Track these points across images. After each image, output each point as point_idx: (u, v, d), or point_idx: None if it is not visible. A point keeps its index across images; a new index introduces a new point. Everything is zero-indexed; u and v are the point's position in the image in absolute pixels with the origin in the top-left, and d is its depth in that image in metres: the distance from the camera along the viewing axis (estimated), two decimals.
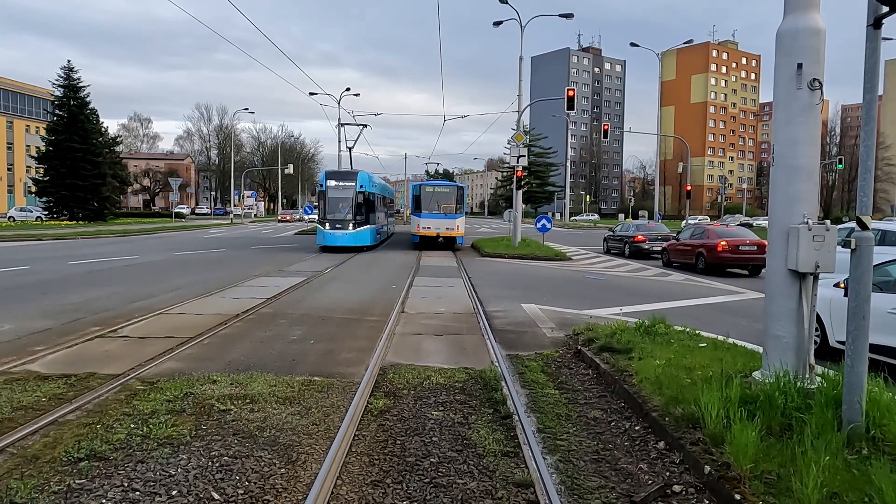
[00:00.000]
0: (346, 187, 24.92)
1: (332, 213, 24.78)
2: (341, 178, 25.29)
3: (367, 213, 25.43)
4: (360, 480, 4.29)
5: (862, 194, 4.26)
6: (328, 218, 24.70)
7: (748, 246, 18.87)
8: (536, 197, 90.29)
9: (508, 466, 4.54)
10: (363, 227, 25.08)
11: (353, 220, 24.66)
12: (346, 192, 24.90)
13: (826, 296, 7.27)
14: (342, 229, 24.48)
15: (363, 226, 25.08)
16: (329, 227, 24.59)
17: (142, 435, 4.96)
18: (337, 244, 24.37)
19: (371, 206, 26.24)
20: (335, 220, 24.60)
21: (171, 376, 6.68)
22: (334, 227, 24.50)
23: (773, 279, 5.30)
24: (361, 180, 25.17)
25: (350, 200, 24.71)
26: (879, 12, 4.07)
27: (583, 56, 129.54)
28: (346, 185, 24.93)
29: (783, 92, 5.13)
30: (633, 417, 5.64)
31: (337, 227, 24.47)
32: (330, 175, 25.74)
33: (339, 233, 24.45)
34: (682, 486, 4.23)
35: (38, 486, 4.06)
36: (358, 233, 24.80)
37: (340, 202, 24.77)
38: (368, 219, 25.53)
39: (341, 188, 24.92)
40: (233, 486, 4.13)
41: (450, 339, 8.96)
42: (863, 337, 4.32)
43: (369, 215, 25.71)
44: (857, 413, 4.28)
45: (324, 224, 24.75)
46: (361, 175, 25.53)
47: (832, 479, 3.66)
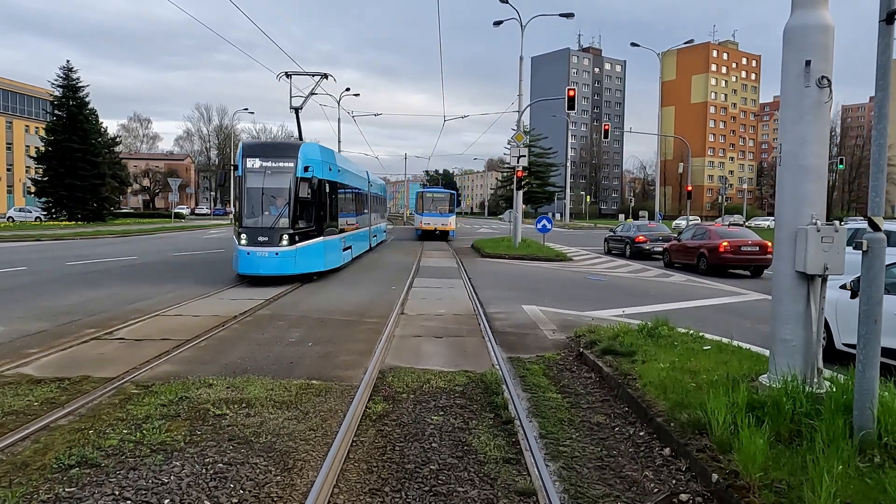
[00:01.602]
0: (279, 171, 14.71)
1: (251, 215, 14.64)
2: (270, 155, 14.99)
3: (320, 216, 15.38)
4: (357, 488, 4.18)
5: (874, 194, 4.15)
6: (245, 225, 14.49)
7: (750, 246, 18.76)
8: (537, 197, 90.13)
9: (510, 474, 4.42)
10: (310, 239, 14.95)
11: (291, 228, 14.46)
12: (277, 180, 14.74)
13: (832, 297, 7.15)
14: (267, 245, 14.23)
15: (311, 237, 14.97)
16: (246, 240, 14.29)
17: (135, 441, 4.84)
18: (259, 272, 14.29)
19: (328, 204, 16.14)
20: (256, 231, 14.37)
21: (166, 380, 6.57)
22: (254, 242, 14.24)
23: (781, 281, 5.19)
24: (308, 158, 14.86)
25: (285, 194, 14.67)
26: (893, 7, 3.95)
27: (583, 56, 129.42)
28: (279, 168, 14.74)
29: (791, 90, 5.02)
30: (637, 422, 5.52)
31: (259, 242, 14.24)
32: (250, 150, 15.17)
33: (261, 251, 14.20)
34: (689, 494, 4.12)
35: (26, 495, 3.95)
36: (299, 252, 14.55)
37: (267, 197, 14.83)
38: (323, 225, 15.51)
39: (270, 172, 14.73)
40: (226, 495, 4.01)
41: (450, 342, 8.84)
42: (874, 341, 4.20)
43: (324, 219, 15.63)
44: (869, 420, 4.16)
45: (239, 236, 14.48)
46: (308, 150, 15.12)
47: (845, 489, 3.54)
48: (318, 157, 15.36)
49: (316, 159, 15.19)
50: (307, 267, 14.99)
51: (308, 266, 15.02)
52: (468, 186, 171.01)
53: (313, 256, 15.14)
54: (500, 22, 29.00)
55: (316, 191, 14.88)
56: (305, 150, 15.01)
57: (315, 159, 15.13)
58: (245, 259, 14.32)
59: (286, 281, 14.61)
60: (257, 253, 14.23)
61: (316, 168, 14.92)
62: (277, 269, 14.36)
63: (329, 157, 16.61)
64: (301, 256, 14.62)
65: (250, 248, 14.26)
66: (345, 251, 18.46)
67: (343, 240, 18.20)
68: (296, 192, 14.44)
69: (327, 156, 16.48)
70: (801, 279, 5.01)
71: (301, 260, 14.66)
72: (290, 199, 14.54)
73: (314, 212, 15.08)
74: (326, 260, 15.94)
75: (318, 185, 15.02)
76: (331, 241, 16.39)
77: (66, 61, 66.91)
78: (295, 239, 14.49)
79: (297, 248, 14.53)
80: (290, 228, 14.44)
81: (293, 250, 14.47)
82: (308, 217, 14.95)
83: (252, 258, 14.27)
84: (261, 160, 14.73)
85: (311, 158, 15.00)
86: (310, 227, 14.95)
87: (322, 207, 15.45)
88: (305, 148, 15.13)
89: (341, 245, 17.83)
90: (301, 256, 14.62)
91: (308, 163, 14.69)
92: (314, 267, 15.30)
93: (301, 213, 14.75)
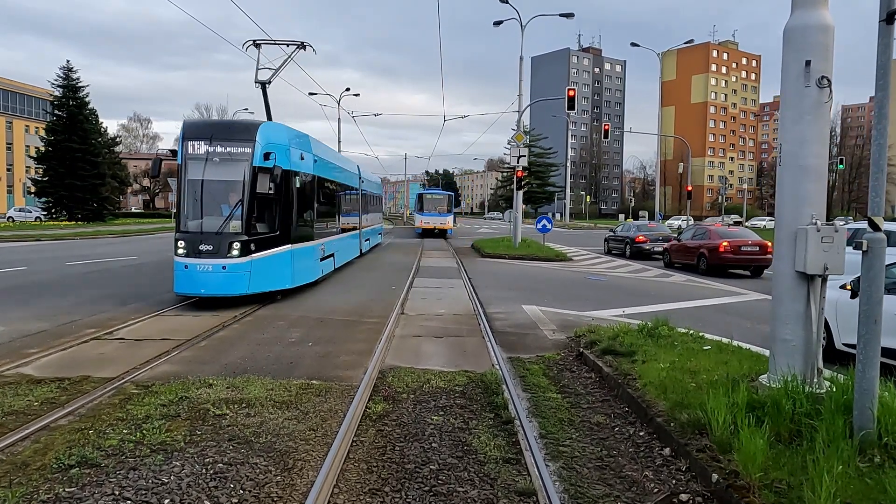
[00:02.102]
0: (230, 158, 11.42)
1: (192, 216, 11.47)
2: (219, 138, 11.51)
3: (287, 218, 12.07)
4: (357, 488, 4.17)
5: (874, 194, 4.15)
6: (185, 230, 11.36)
7: (750, 247, 18.76)
8: (537, 197, 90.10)
9: (510, 474, 4.42)
10: (272, 248, 11.68)
11: (245, 233, 11.19)
12: (227, 170, 11.47)
13: (832, 297, 7.15)
14: (212, 256, 11.02)
15: (273, 245, 11.70)
16: (185, 249, 11.11)
17: (135, 441, 4.84)
18: (199, 292, 11.16)
19: (300, 202, 12.77)
20: (197, 237, 11.19)
21: (166, 380, 6.57)
22: (195, 252, 11.04)
23: (781, 281, 5.19)
24: (270, 143, 11.57)
25: (238, 188, 11.39)
26: (893, 7, 3.95)
27: (583, 56, 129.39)
28: (231, 154, 11.42)
29: (791, 90, 5.02)
30: (637, 422, 5.52)
31: (201, 252, 11.03)
32: (194, 131, 11.78)
33: (203, 264, 11.00)
34: (689, 494, 4.12)
35: (26, 495, 3.95)
36: (255, 264, 11.30)
37: (213, 192, 11.60)
38: (290, 229, 12.22)
39: (218, 160, 11.42)
40: (226, 495, 4.01)
41: (450, 342, 8.84)
42: (874, 341, 4.20)
43: (292, 221, 12.33)
44: (869, 420, 4.16)
45: (177, 244, 11.24)
46: (270, 133, 11.80)
47: (845, 489, 3.54)
48: (283, 143, 12.04)
49: (281, 145, 11.86)
50: (267, 284, 11.63)
51: (268, 282, 11.65)
52: (468, 186, 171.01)
53: (276, 270, 11.80)
54: (500, 22, 29.00)
55: (281, 185, 11.68)
56: (266, 133, 11.61)
57: (280, 145, 11.82)
58: (183, 274, 11.02)
59: (244, 302, 11.43)
60: (198, 266, 10.91)
61: (281, 156, 11.65)
62: (224, 288, 11.03)
63: (302, 144, 13.17)
64: (258, 270, 11.30)
65: (190, 259, 10.96)
66: (324, 261, 15.04)
67: (321, 247, 14.75)
68: (252, 185, 11.07)
69: (299, 142, 13.03)
70: (801, 279, 5.01)
71: (258, 275, 11.33)
72: (245, 196, 11.17)
73: (278, 212, 11.82)
74: (295, 273, 12.57)
75: (284, 177, 11.83)
76: (302, 249, 12.99)
77: (66, 61, 67.07)
78: (250, 248, 11.14)
79: (253, 260, 11.17)
80: (243, 234, 11.07)
81: (246, 262, 11.09)
82: (270, 219, 11.72)
83: (191, 273, 10.95)
84: (207, 144, 11.34)
85: (275, 143, 11.65)
86: (271, 231, 11.69)
87: (289, 206, 12.21)
88: (266, 129, 11.71)
89: (317, 253, 14.34)
90: (258, 270, 11.30)
91: (270, 149, 11.40)
92: (277, 283, 11.95)
93: (259, 214, 11.51)
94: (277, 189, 11.59)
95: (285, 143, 12.14)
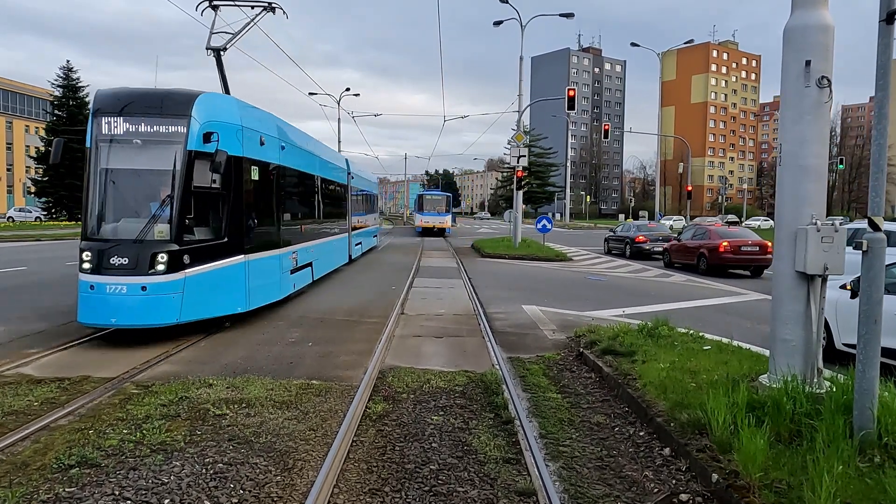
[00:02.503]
0: (156, 139, 8.60)
1: (105, 217, 8.59)
2: (140, 112, 8.59)
3: (238, 219, 9.40)
4: (357, 488, 4.18)
5: (874, 194, 4.15)
6: (93, 237, 8.44)
7: (750, 247, 18.76)
8: (537, 197, 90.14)
9: (510, 474, 4.42)
10: (218, 259, 9.03)
11: (175, 240, 8.34)
12: (152, 156, 8.63)
13: (832, 297, 7.15)
14: (129, 272, 8.07)
15: (219, 255, 9.05)
16: (92, 262, 8.17)
17: (135, 441, 4.85)
18: (109, 322, 8.20)
19: (260, 199, 10.32)
20: (109, 246, 8.22)
21: (166, 380, 6.57)
22: (106, 266, 8.08)
23: (781, 281, 5.19)
24: (212, 120, 8.84)
25: (166, 180, 8.56)
26: (893, 7, 3.95)
27: (583, 56, 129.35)
28: (157, 134, 8.59)
29: (791, 90, 5.02)
30: (637, 422, 5.52)
31: (113, 267, 8.07)
32: (108, 104, 8.65)
33: (115, 284, 8.02)
34: (689, 494, 4.12)
35: (26, 495, 3.95)
36: (191, 282, 8.49)
37: (132, 185, 8.75)
38: (244, 234, 9.61)
39: (140, 143, 8.57)
40: (226, 495, 4.02)
41: (450, 342, 8.84)
42: (874, 341, 4.20)
43: (248, 225, 9.73)
44: (869, 420, 4.16)
45: (82, 255, 8.26)
46: (213, 107, 9.05)
47: (845, 489, 3.54)
48: (232, 122, 9.18)
49: (229, 124, 9.05)
50: (208, 308, 8.83)
51: (210, 306, 8.85)
52: (468, 186, 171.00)
53: (222, 288, 9.02)
54: (500, 22, 28.99)
55: (230, 176, 8.93)
56: (208, 107, 8.76)
57: (228, 124, 9.00)
58: (88, 298, 8.07)
59: (178, 333, 8.62)
60: (108, 287, 7.97)
61: (229, 138, 8.88)
62: (144, 316, 8.07)
63: (264, 126, 10.36)
64: (195, 290, 8.43)
65: (97, 277, 8.03)
66: (297, 272, 12.31)
67: (292, 256, 11.92)
68: (186, 176, 8.35)
69: (259, 123, 10.17)
70: (801, 279, 5.02)
71: (195, 297, 8.45)
72: (176, 190, 8.30)
73: (226, 212, 9.04)
74: (252, 291, 9.70)
75: (235, 167, 9.04)
76: (263, 259, 10.14)
77: (66, 61, 67.11)
78: (181, 260, 8.26)
79: (189, 277, 8.32)
80: (172, 241, 8.18)
81: (176, 280, 8.20)
82: (214, 221, 9.01)
83: (100, 296, 8.00)
84: (125, 121, 8.41)
85: (221, 122, 8.87)
86: (215, 237, 8.93)
87: (243, 205, 9.44)
88: (208, 103, 8.83)
89: (287, 264, 11.50)
90: (195, 290, 8.43)
91: (213, 128, 8.61)
92: (224, 306, 9.15)
93: (199, 215, 8.75)
94: (225, 182, 8.89)
95: (235, 123, 9.25)
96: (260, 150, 10.12)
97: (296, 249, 12.27)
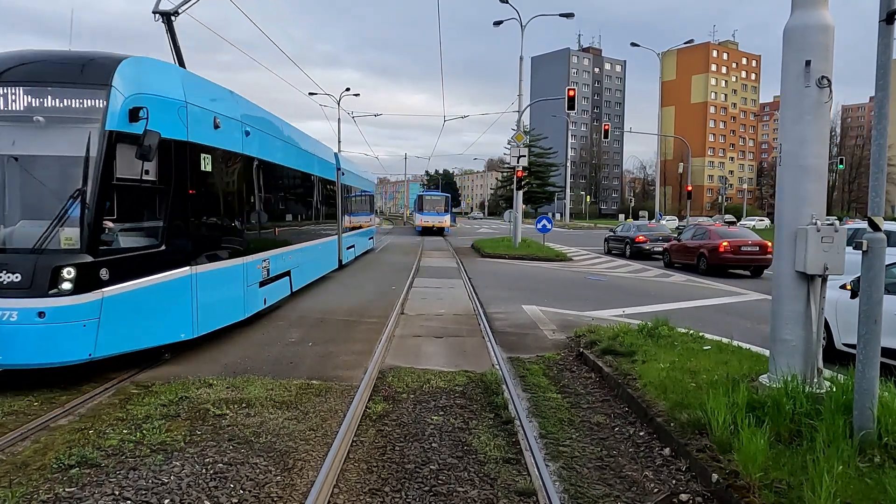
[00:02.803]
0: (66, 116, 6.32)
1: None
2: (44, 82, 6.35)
3: (182, 219, 7.36)
4: (357, 488, 4.18)
5: (874, 194, 4.15)
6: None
7: (750, 247, 18.76)
8: (536, 197, 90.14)
9: (510, 474, 4.42)
10: (147, 275, 6.78)
11: (85, 249, 6.10)
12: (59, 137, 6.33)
13: (832, 297, 7.15)
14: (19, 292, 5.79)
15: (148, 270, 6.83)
16: None
17: (135, 441, 4.85)
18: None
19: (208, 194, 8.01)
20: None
21: (166, 380, 6.57)
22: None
23: (781, 281, 5.19)
24: (141, 92, 6.67)
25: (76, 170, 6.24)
26: (893, 7, 3.95)
27: (583, 56, 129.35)
28: (66, 110, 6.31)
29: (791, 90, 5.02)
30: (637, 422, 5.53)
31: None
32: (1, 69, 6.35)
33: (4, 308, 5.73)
34: (689, 494, 4.12)
35: (26, 495, 3.95)
36: (111, 304, 6.26)
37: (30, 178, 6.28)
38: (188, 239, 7.50)
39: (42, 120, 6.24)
40: (226, 495, 4.02)
41: (450, 342, 8.84)
42: (874, 341, 4.20)
43: (193, 226, 7.59)
44: (869, 420, 4.16)
45: None
46: (142, 74, 6.85)
47: (845, 489, 3.54)
48: (173, 95, 7.24)
49: (168, 99, 7.14)
50: (139, 337, 6.88)
51: (142, 335, 6.90)
52: (468, 186, 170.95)
53: (160, 309, 7.08)
54: (500, 22, 28.99)
55: (170, 166, 7.07)
56: (136, 74, 6.80)
57: (165, 98, 7.09)
58: None
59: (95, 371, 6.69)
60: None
61: (167, 116, 7.01)
62: (45, 353, 6.02)
63: (218, 104, 8.29)
64: (119, 314, 6.46)
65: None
66: (268, 284, 10.25)
67: (262, 265, 9.86)
68: (105, 165, 6.33)
69: (209, 98, 8.12)
70: (801, 279, 5.02)
71: (118, 323, 6.46)
72: (91, 184, 6.25)
73: (165, 213, 7.13)
74: (204, 311, 7.77)
75: (178, 153, 7.20)
76: (219, 271, 8.23)
77: None
78: (98, 275, 6.24)
79: (108, 298, 6.31)
80: (83, 251, 6.16)
81: (91, 303, 6.17)
82: (148, 224, 7.14)
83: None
84: (25, 92, 6.33)
85: (154, 95, 6.92)
86: (147, 245, 7.00)
87: (190, 202, 7.49)
88: (136, 69, 6.86)
89: (253, 275, 9.44)
90: (119, 314, 6.46)
91: (142, 102, 6.63)
92: (163, 334, 7.20)
93: (125, 216, 6.79)
94: (163, 173, 6.95)
95: (176, 98, 7.22)
96: (214, 135, 7.99)
97: (267, 257, 10.14)
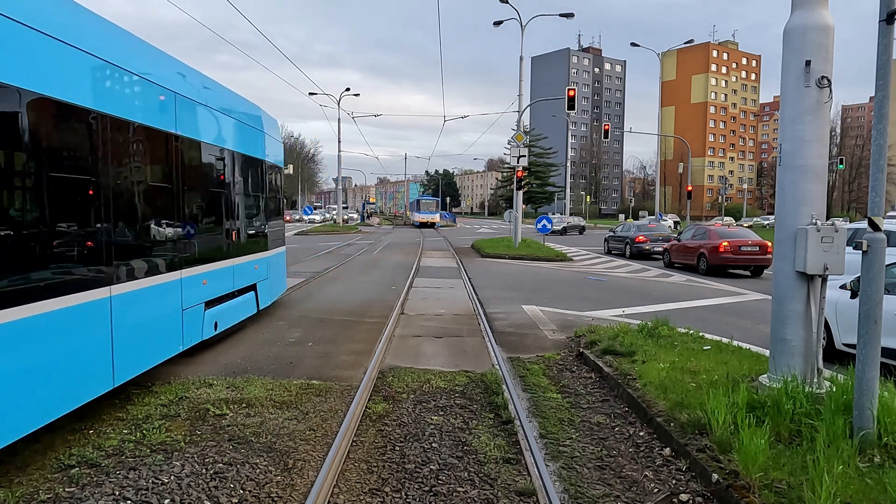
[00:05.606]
0: None
1: None
2: None
3: None
4: (357, 488, 4.18)
5: (874, 194, 4.15)
6: None
7: (750, 247, 18.75)
8: (537, 197, 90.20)
9: (510, 474, 4.42)
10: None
11: None
12: None
13: (832, 297, 7.15)
14: None
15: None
16: None
17: (135, 441, 4.85)
18: None
19: None
20: None
21: (166, 380, 6.57)
22: None
23: (781, 281, 5.19)
24: None
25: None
26: (893, 7, 3.95)
27: (583, 56, 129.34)
28: None
29: (791, 90, 5.02)
30: (637, 423, 5.52)
31: None
32: None
33: None
34: (689, 494, 4.12)
35: (26, 495, 3.95)
36: None
37: None
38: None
39: None
40: (227, 495, 4.01)
41: (450, 342, 8.84)
42: (874, 341, 4.20)
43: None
44: (869, 420, 4.17)
45: None
46: None
47: (845, 489, 3.54)
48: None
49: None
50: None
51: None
52: (468, 186, 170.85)
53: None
54: (500, 22, 29.00)
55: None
56: None
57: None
58: None
59: None
60: None
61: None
62: None
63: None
64: None
65: None
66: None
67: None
68: None
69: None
70: (801, 279, 5.02)
71: None
72: None
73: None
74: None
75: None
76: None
77: None
78: None
79: None
80: None
81: None
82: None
83: None
84: None
85: None
86: None
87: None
88: None
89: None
90: None
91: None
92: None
93: None
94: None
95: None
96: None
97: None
